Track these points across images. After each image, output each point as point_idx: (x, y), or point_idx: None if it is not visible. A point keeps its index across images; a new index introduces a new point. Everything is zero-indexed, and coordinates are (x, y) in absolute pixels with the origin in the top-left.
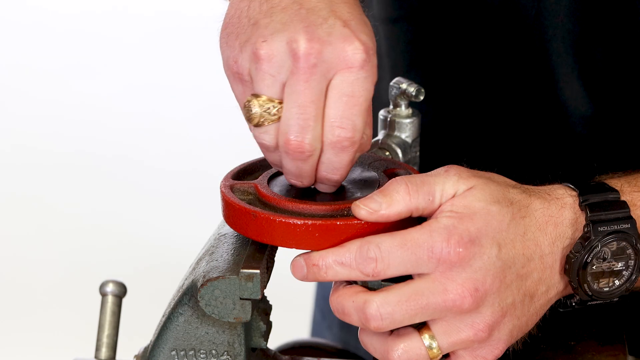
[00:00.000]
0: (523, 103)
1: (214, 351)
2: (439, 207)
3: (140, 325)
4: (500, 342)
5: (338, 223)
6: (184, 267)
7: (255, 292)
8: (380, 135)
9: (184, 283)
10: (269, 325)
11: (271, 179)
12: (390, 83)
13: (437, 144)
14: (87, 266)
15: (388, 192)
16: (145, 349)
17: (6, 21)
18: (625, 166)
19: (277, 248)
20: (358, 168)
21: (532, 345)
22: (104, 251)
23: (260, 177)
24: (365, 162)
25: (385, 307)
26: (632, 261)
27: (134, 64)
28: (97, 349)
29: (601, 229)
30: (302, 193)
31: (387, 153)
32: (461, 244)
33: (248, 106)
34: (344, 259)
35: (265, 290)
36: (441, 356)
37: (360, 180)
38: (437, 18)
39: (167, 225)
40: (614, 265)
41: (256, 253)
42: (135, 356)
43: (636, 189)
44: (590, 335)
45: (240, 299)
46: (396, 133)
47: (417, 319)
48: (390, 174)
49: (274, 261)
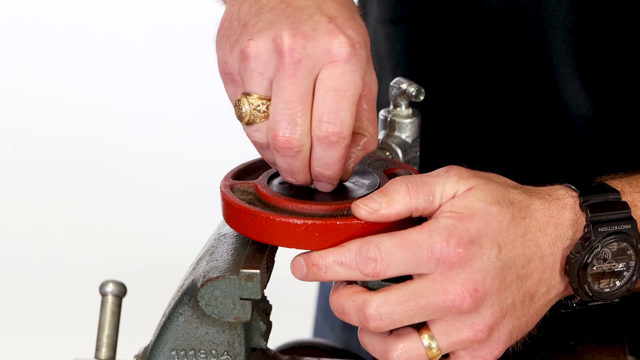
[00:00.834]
0: (524, 103)
1: (214, 351)
2: (439, 207)
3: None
4: (500, 343)
5: (338, 223)
6: (184, 267)
7: (255, 292)
8: (380, 135)
9: (184, 283)
10: (269, 325)
11: (271, 178)
12: (391, 83)
13: (437, 144)
14: (87, 266)
15: (388, 192)
16: (145, 349)
17: (6, 21)
18: (626, 166)
19: (277, 248)
20: (358, 168)
21: (532, 345)
22: (104, 251)
23: (260, 177)
24: (365, 162)
25: (384, 307)
26: (633, 262)
27: (134, 64)
28: (97, 349)
29: (601, 230)
30: (301, 192)
31: (387, 153)
32: (461, 244)
33: (239, 105)
34: (343, 259)
35: (265, 290)
36: (440, 356)
37: (360, 181)
38: (437, 19)
39: (167, 225)
40: (614, 266)
41: (256, 253)
42: (135, 356)
43: (637, 190)
44: (590, 335)
45: (240, 299)
46: (396, 133)
47: (417, 319)
48: (390, 174)
49: (274, 261)
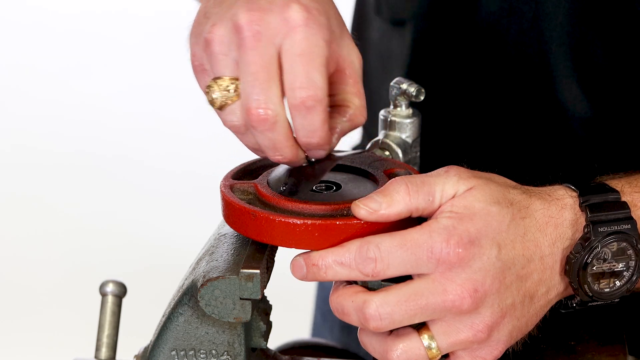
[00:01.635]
0: (522, 105)
1: (214, 351)
2: (439, 207)
3: (140, 325)
4: (500, 343)
5: (338, 223)
6: (184, 267)
7: (255, 292)
8: (380, 135)
9: (184, 283)
10: (269, 325)
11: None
12: (391, 83)
13: (437, 144)
14: (87, 266)
15: (388, 192)
16: (145, 349)
17: (6, 21)
18: (624, 168)
19: (277, 248)
20: (358, 168)
21: (532, 345)
22: (104, 251)
23: (260, 177)
24: (366, 162)
25: (384, 307)
26: (633, 262)
27: (134, 64)
28: (97, 349)
29: (601, 230)
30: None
31: (387, 153)
32: (461, 244)
33: (209, 91)
34: (343, 259)
35: (265, 290)
36: (440, 356)
37: (360, 180)
38: (438, 21)
39: (167, 225)
40: (614, 266)
41: (256, 253)
42: (135, 356)
43: (637, 190)
44: (590, 335)
45: (240, 299)
46: (396, 133)
47: (417, 320)
48: (390, 174)
49: (274, 261)
